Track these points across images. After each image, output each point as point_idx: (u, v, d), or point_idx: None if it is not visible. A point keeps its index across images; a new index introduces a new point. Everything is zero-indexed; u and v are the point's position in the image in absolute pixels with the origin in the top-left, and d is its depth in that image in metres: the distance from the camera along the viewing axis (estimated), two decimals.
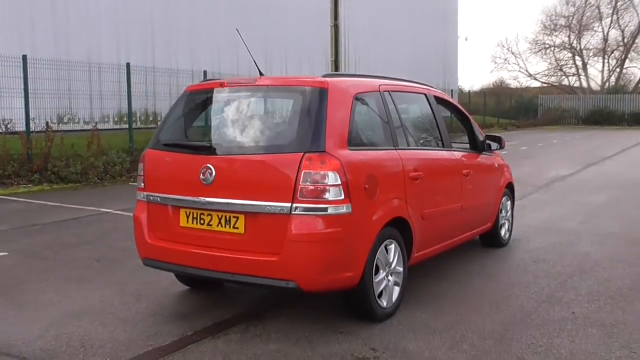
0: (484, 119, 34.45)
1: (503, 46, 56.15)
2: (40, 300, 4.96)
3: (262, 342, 4.06)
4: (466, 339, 4.05)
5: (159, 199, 4.47)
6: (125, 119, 18.42)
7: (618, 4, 48.15)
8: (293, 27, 25.60)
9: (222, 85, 4.53)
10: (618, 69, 50.72)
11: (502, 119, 38.41)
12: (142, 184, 4.63)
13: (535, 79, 52.84)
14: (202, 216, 4.24)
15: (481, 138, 6.20)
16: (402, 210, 4.51)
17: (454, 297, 4.99)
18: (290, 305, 4.85)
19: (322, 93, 4.11)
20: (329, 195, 3.90)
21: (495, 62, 55.84)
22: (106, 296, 5.06)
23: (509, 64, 53.33)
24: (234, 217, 4.11)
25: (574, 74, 51.93)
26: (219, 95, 4.57)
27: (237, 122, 4.42)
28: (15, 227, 7.91)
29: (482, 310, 4.63)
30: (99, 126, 15.41)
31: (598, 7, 49.03)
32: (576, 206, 9.48)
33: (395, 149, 4.62)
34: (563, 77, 52.40)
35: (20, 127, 13.05)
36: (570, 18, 49.82)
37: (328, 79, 4.25)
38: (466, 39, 68.88)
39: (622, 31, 49.13)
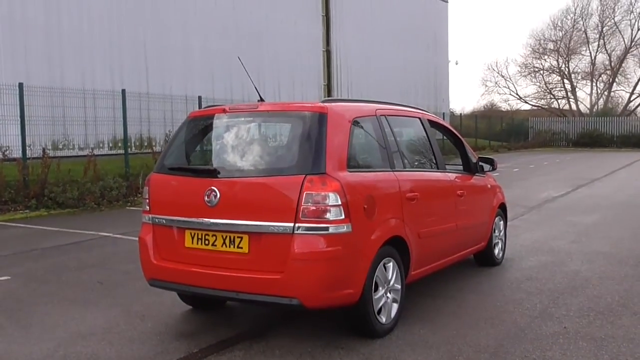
0: (476, 141, 34.86)
1: (493, 69, 56.88)
2: (46, 322, 5.08)
3: (266, 358, 4.19)
4: (463, 353, 4.21)
5: (164, 221, 4.63)
6: (119, 144, 18.61)
7: (604, 29, 49.16)
8: (286, 52, 25.96)
9: (224, 111, 4.73)
10: (606, 92, 51.52)
11: (493, 141, 38.83)
12: (148, 207, 4.78)
13: (526, 101, 53.57)
14: (206, 237, 4.40)
15: (474, 160, 6.41)
16: (399, 229, 4.69)
17: (450, 313, 5.14)
18: (291, 322, 4.99)
19: (321, 118, 4.31)
20: (330, 215, 4.07)
21: (486, 86, 56.36)
22: (111, 317, 5.17)
23: (499, 87, 54.13)
24: (238, 237, 4.27)
25: (563, 97, 52.73)
26: (222, 121, 4.76)
27: (240, 146, 4.60)
28: (16, 252, 8.01)
29: (477, 326, 4.79)
30: (94, 152, 15.55)
31: (585, 32, 50.01)
32: (567, 226, 9.67)
33: (392, 171, 4.81)
34: (552, 100, 53.18)
35: (17, 153, 13.18)
36: (559, 42, 50.73)
37: (327, 104, 4.46)
38: (457, 63, 69.91)
39: (609, 55, 50.08)
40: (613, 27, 49.08)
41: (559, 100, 53.07)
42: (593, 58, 50.60)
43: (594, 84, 51.51)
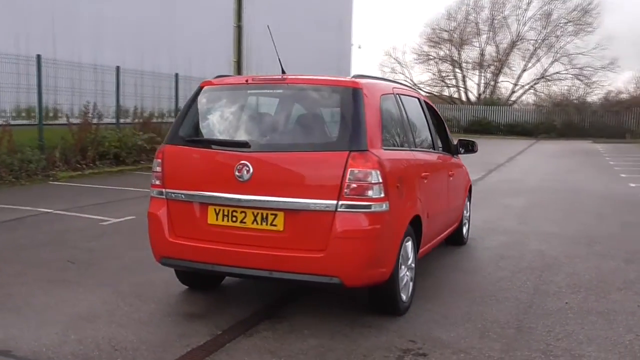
0: None
1: (390, 55, 58.20)
2: (35, 304, 4.64)
3: (299, 339, 4.09)
4: (489, 329, 4.33)
5: (183, 196, 4.35)
6: (23, 114, 17.28)
7: (495, 22, 51.87)
8: (198, 26, 25.10)
9: (246, 82, 4.50)
10: (493, 83, 54.51)
11: None
12: (159, 181, 4.47)
13: (420, 88, 55.44)
14: (234, 213, 4.19)
15: (454, 142, 6.57)
16: (418, 209, 4.72)
17: (448, 291, 5.27)
18: (298, 301, 4.92)
19: (357, 93, 4.23)
20: (371, 193, 4.02)
21: (383, 71, 57.61)
22: (105, 298, 4.83)
23: (395, 73, 55.39)
24: (272, 214, 4.10)
25: (454, 86, 55.14)
26: (245, 92, 4.54)
27: (271, 119, 4.41)
28: None
29: (484, 303, 4.94)
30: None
31: (477, 24, 52.48)
32: (502, 208, 10.19)
33: (411, 150, 4.83)
34: (445, 87, 55.46)
35: None
36: (452, 32, 52.89)
37: (359, 80, 4.37)
38: (359, 47, 70.85)
39: (497, 47, 52.92)
40: (502, 21, 51.96)
41: (450, 88, 55.52)
42: (482, 49, 53.28)
43: (482, 74, 54.29)
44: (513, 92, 54.91)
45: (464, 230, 7.16)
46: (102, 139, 14.75)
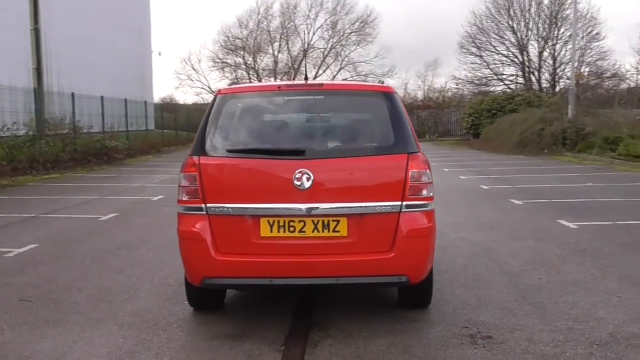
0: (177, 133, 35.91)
1: (186, 62, 57.47)
2: (45, 352, 4.05)
3: (367, 341, 4.14)
4: (512, 308, 4.76)
5: (230, 210, 4.09)
6: None
7: (287, 30, 53.99)
8: None
9: (280, 88, 4.38)
10: None
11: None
12: (194, 196, 4.15)
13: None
14: (291, 224, 4.08)
15: None
16: None
17: (436, 280, 5.58)
18: (321, 307, 4.91)
19: (394, 98, 4.40)
20: (426, 192, 4.22)
21: (179, 79, 56.69)
22: (118, 332, 4.36)
23: (192, 80, 54.74)
24: (333, 220, 4.08)
25: None
26: (282, 99, 4.40)
27: (319, 125, 4.36)
28: None
29: (479, 287, 5.37)
30: None
31: (269, 32, 54.09)
32: None
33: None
34: None
35: None
36: (245, 40, 53.84)
37: (387, 85, 4.53)
38: (160, 54, 68.83)
39: (290, 55, 55.17)
40: (293, 30, 54.28)
41: None
42: (276, 57, 55.14)
43: (277, 80, 56.13)
44: None
45: None
46: None
